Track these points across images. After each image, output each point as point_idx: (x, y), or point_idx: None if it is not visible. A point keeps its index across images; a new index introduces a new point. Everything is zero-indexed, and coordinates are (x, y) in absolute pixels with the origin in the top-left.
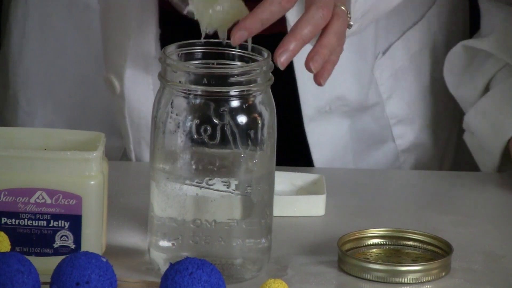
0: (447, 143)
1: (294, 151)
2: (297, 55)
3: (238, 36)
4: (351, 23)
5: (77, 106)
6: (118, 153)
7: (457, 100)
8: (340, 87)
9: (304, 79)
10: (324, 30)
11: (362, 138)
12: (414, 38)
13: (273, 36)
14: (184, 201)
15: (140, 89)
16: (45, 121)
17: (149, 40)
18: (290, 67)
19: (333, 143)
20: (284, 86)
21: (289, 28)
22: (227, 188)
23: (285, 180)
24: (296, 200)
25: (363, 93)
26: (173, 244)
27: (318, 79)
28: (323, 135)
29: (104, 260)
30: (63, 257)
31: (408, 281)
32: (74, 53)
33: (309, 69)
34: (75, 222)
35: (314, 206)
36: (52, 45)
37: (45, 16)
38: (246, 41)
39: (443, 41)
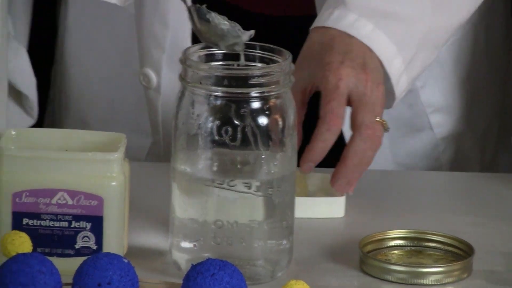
0: (486, 136)
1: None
2: None
3: (307, 168)
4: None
5: (106, 104)
6: (143, 153)
7: None
8: None
9: None
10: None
11: (397, 125)
12: None
13: (299, 18)
14: (205, 202)
15: (176, 83)
16: (76, 119)
17: (185, 33)
18: None
19: None
20: None
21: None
22: (248, 189)
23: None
24: (316, 201)
25: None
26: (194, 245)
27: (347, 191)
28: None
29: (125, 261)
30: (84, 258)
31: (430, 283)
32: (103, 52)
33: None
34: (96, 223)
35: (334, 207)
36: (86, 44)
37: (79, 17)
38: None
39: (484, 33)
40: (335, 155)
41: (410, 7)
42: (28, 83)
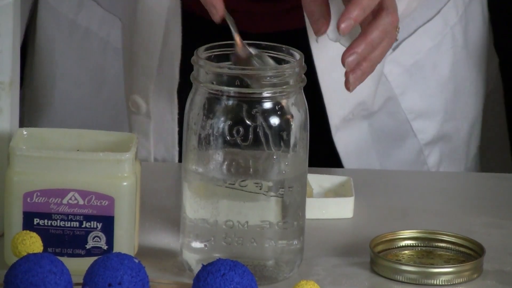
0: (471, 134)
1: (324, 160)
2: (321, 67)
3: (347, 26)
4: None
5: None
6: None
7: None
8: (362, 93)
9: (329, 90)
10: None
11: (382, 136)
12: (429, 34)
13: (292, 32)
14: (216, 202)
15: (166, 108)
16: None
17: (173, 62)
18: (314, 77)
19: (358, 147)
20: (310, 97)
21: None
22: (260, 189)
23: (313, 182)
24: (324, 202)
25: (374, 92)
26: (205, 245)
27: (348, 86)
28: (349, 142)
29: (136, 261)
30: (95, 258)
31: (440, 283)
32: (74, 78)
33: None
34: (107, 223)
35: (343, 208)
36: (55, 69)
37: (49, 41)
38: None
39: (463, 34)
40: (330, 156)
41: None
42: None
